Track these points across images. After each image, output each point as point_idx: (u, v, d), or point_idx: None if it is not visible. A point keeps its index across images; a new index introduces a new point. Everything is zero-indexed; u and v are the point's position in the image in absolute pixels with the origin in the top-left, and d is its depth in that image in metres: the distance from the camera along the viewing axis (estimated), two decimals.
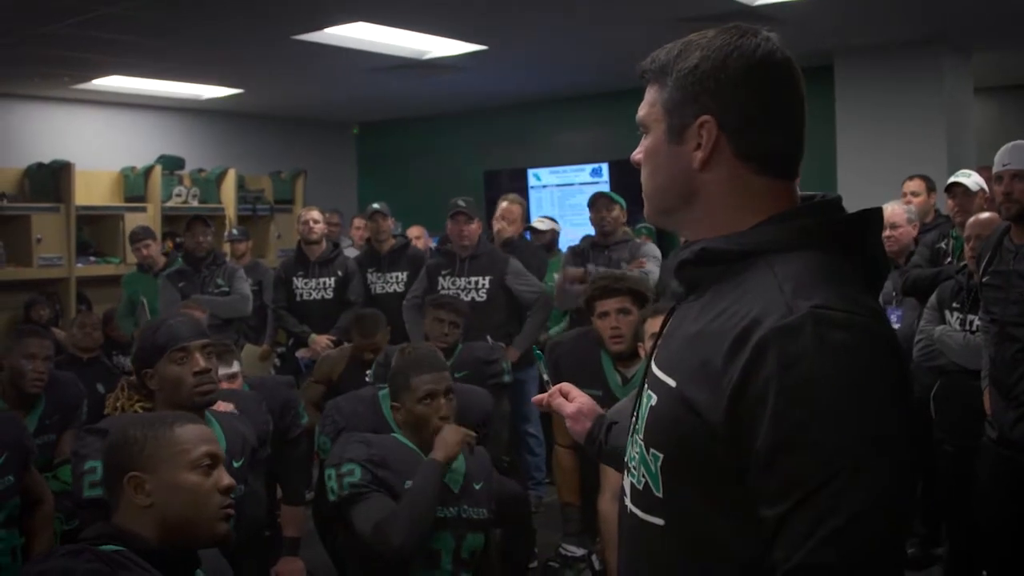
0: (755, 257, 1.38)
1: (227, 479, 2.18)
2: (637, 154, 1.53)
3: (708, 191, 1.44)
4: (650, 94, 1.50)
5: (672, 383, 1.39)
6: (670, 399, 1.38)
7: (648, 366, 1.52)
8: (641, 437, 1.44)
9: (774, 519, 1.25)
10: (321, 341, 6.69)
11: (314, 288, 6.93)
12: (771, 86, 1.43)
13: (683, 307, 1.50)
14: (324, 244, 7.09)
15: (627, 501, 1.51)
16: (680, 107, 1.44)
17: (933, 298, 4.71)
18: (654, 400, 1.42)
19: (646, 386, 1.48)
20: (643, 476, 1.43)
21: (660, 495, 1.40)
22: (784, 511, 1.24)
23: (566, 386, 2.15)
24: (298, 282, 6.96)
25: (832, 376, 1.23)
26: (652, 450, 1.40)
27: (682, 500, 1.38)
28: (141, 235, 7.27)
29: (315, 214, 7.07)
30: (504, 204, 6.74)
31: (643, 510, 1.44)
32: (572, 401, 2.13)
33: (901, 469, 1.26)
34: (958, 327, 4.51)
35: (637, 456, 1.46)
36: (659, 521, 1.41)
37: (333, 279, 6.92)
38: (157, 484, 2.10)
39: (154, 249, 7.24)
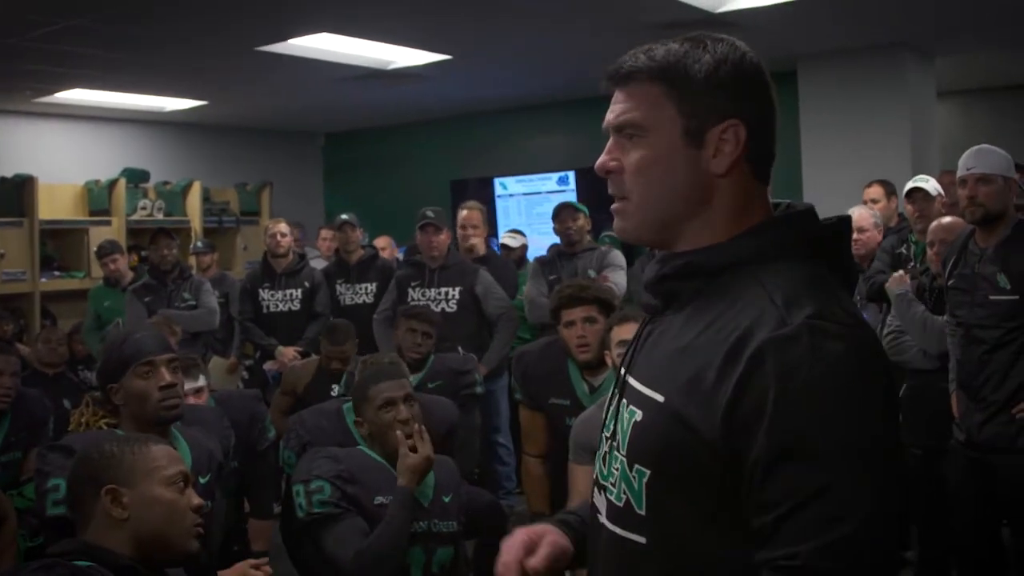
0: (739, 268, 1.37)
1: (197, 499, 2.23)
2: (613, 161, 1.46)
3: (721, 197, 1.42)
4: (644, 95, 1.43)
5: (660, 398, 1.37)
6: (658, 415, 1.36)
7: (623, 379, 1.49)
8: (623, 453, 1.41)
9: (769, 524, 1.24)
10: (288, 353, 6.67)
11: (280, 300, 6.90)
12: (768, 91, 1.44)
13: (661, 321, 1.47)
14: (291, 256, 7.06)
15: (602, 519, 1.48)
16: (701, 109, 1.40)
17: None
18: (639, 416, 1.40)
19: (625, 401, 1.45)
20: (624, 493, 1.41)
21: (643, 512, 1.38)
22: (779, 515, 1.23)
23: (524, 536, 1.60)
24: (264, 294, 6.93)
25: (829, 386, 1.24)
26: (637, 466, 1.38)
27: (668, 517, 1.35)
28: (108, 249, 7.23)
29: (283, 227, 7.06)
30: (464, 212, 6.70)
31: (623, 528, 1.42)
32: (537, 549, 1.58)
33: (895, 475, 1.26)
34: None
35: (617, 473, 1.43)
36: (640, 539, 1.39)
37: (300, 291, 6.90)
38: (135, 498, 2.13)
39: (121, 263, 7.21)
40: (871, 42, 7.60)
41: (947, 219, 4.58)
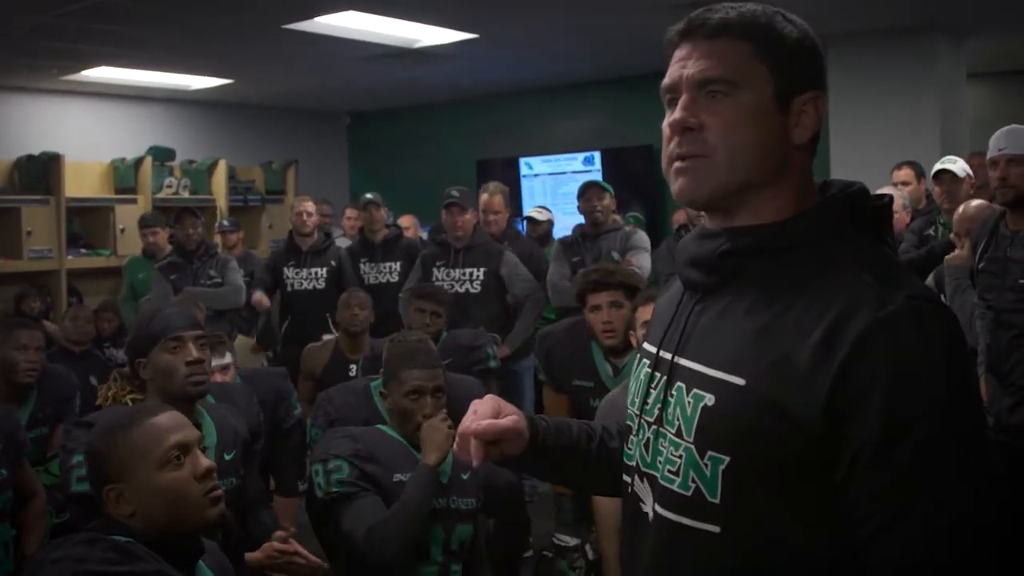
0: (806, 247, 1.35)
1: (203, 463, 2.13)
2: (693, 117, 1.37)
3: (796, 169, 1.40)
4: (733, 51, 1.37)
5: (739, 382, 1.32)
6: (739, 398, 1.31)
7: (669, 361, 1.44)
8: (689, 440, 1.36)
9: (886, 512, 1.22)
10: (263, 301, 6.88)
11: (305, 278, 6.90)
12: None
13: (717, 299, 1.41)
14: (316, 234, 7.07)
15: (653, 508, 1.43)
16: (792, 75, 1.37)
17: (931, 279, 4.68)
18: (709, 400, 1.34)
19: (682, 385, 1.39)
20: (692, 481, 1.35)
21: (716, 501, 1.33)
22: (898, 504, 1.21)
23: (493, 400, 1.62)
24: (289, 272, 6.94)
25: (940, 367, 1.22)
26: (711, 453, 1.33)
27: (747, 506, 1.31)
28: (151, 221, 7.34)
29: (309, 205, 7.05)
30: (485, 196, 6.61)
31: (691, 518, 1.36)
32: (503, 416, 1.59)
33: (990, 455, 1.26)
34: None
35: (680, 460, 1.37)
36: (714, 528, 1.34)
37: (325, 269, 6.90)
38: (133, 491, 2.07)
39: (162, 237, 7.27)
40: (902, 23, 7.54)
41: (973, 203, 4.54)
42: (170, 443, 2.10)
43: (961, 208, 4.58)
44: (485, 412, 1.56)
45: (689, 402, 1.37)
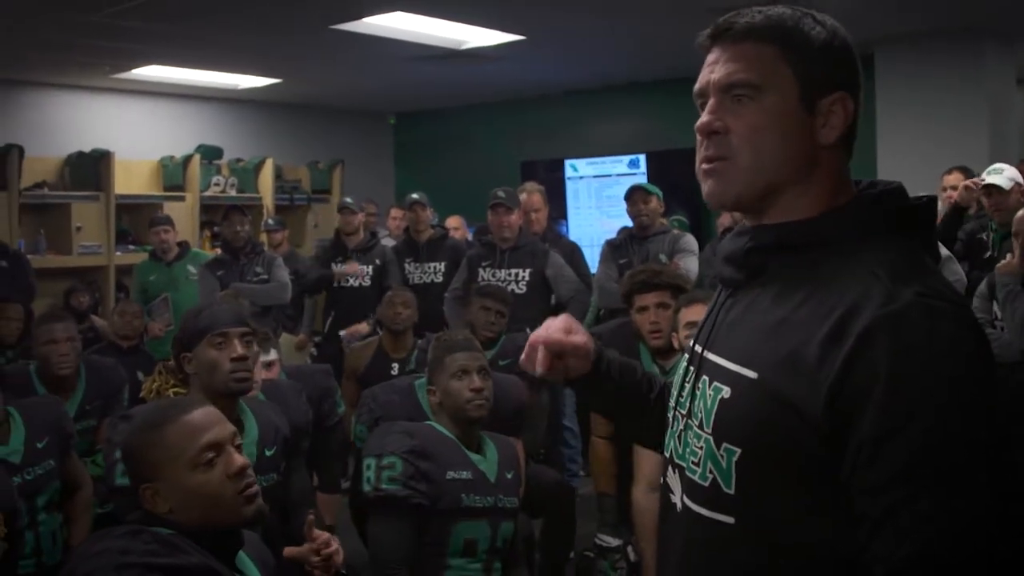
0: (830, 244, 1.35)
1: (238, 461, 2.10)
2: (718, 121, 1.40)
3: (824, 169, 1.40)
4: (759, 55, 1.39)
5: (752, 375, 1.34)
6: (751, 391, 1.33)
7: (699, 355, 1.47)
8: (708, 431, 1.38)
9: (880, 511, 1.21)
10: (353, 267, 6.90)
11: (351, 275, 6.95)
12: (861, 71, 1.43)
13: (744, 295, 1.44)
14: (362, 233, 7.11)
15: (677, 499, 1.46)
16: (818, 77, 1.38)
17: (983, 285, 4.65)
18: (726, 392, 1.37)
19: (707, 378, 1.42)
20: (710, 472, 1.37)
21: (731, 492, 1.35)
22: (892, 502, 1.21)
23: (568, 319, 1.73)
24: (335, 268, 6.99)
25: (944, 365, 1.21)
26: (726, 445, 1.35)
27: (760, 497, 1.33)
28: (162, 220, 7.34)
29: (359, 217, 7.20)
30: (524, 196, 6.54)
31: (709, 508, 1.38)
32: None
33: (1002, 463, 1.23)
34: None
35: (701, 451, 1.40)
36: (729, 519, 1.36)
37: (371, 267, 6.94)
38: (169, 489, 2.07)
39: (171, 237, 7.25)
40: (950, 25, 7.47)
41: None
42: (202, 443, 2.08)
43: (1021, 212, 4.54)
44: (557, 327, 1.68)
45: (710, 394, 1.40)
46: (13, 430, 3.70)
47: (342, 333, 6.83)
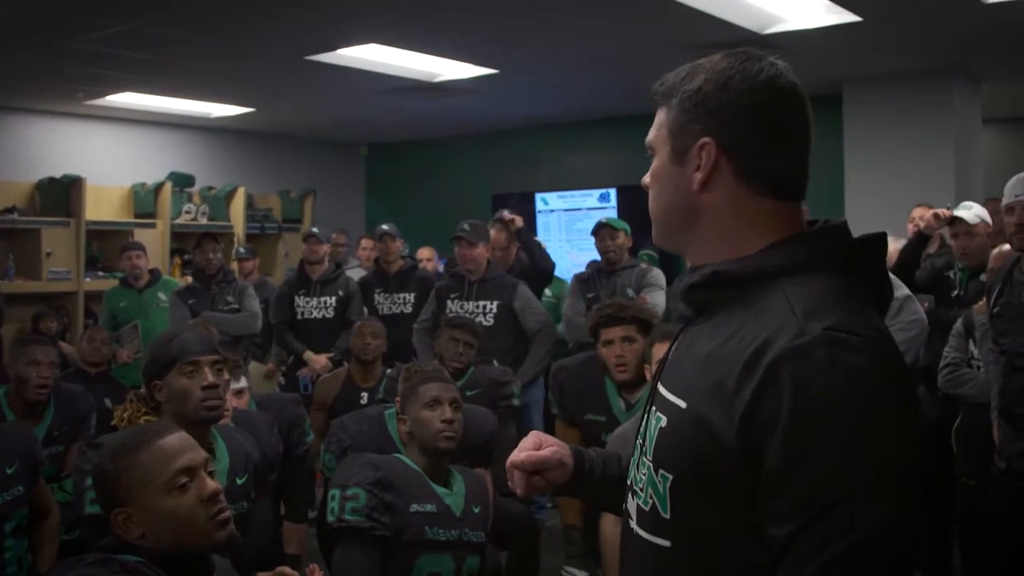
0: (766, 280, 1.38)
1: (211, 486, 2.12)
2: (647, 177, 1.54)
3: (709, 213, 1.45)
4: (658, 117, 1.51)
5: (683, 404, 1.38)
6: (681, 420, 1.38)
7: (654, 388, 1.52)
8: (649, 458, 1.43)
9: (782, 538, 1.24)
10: (320, 360, 6.71)
11: (315, 307, 6.95)
12: (773, 109, 1.42)
13: (691, 330, 1.49)
14: (326, 264, 7.12)
15: (632, 524, 1.50)
16: (682, 129, 1.45)
17: (959, 324, 4.69)
18: (663, 422, 1.41)
19: (654, 408, 1.47)
20: (650, 497, 1.42)
21: (667, 516, 1.39)
22: (792, 530, 1.23)
23: (536, 435, 1.81)
24: (300, 300, 6.99)
25: (845, 398, 1.23)
26: (661, 471, 1.40)
27: (690, 521, 1.37)
28: (134, 245, 7.30)
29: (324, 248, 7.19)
30: (492, 232, 6.60)
31: (649, 532, 1.43)
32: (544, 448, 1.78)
33: (911, 495, 1.26)
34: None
35: (644, 478, 1.45)
36: (665, 543, 1.40)
37: (334, 298, 6.95)
38: (141, 514, 2.07)
39: (143, 262, 7.20)
40: (917, 66, 7.57)
41: (1007, 247, 4.54)
42: (176, 467, 2.09)
43: (997, 250, 4.60)
44: (527, 445, 1.76)
45: (652, 423, 1.45)
46: None
47: (299, 373, 6.84)
